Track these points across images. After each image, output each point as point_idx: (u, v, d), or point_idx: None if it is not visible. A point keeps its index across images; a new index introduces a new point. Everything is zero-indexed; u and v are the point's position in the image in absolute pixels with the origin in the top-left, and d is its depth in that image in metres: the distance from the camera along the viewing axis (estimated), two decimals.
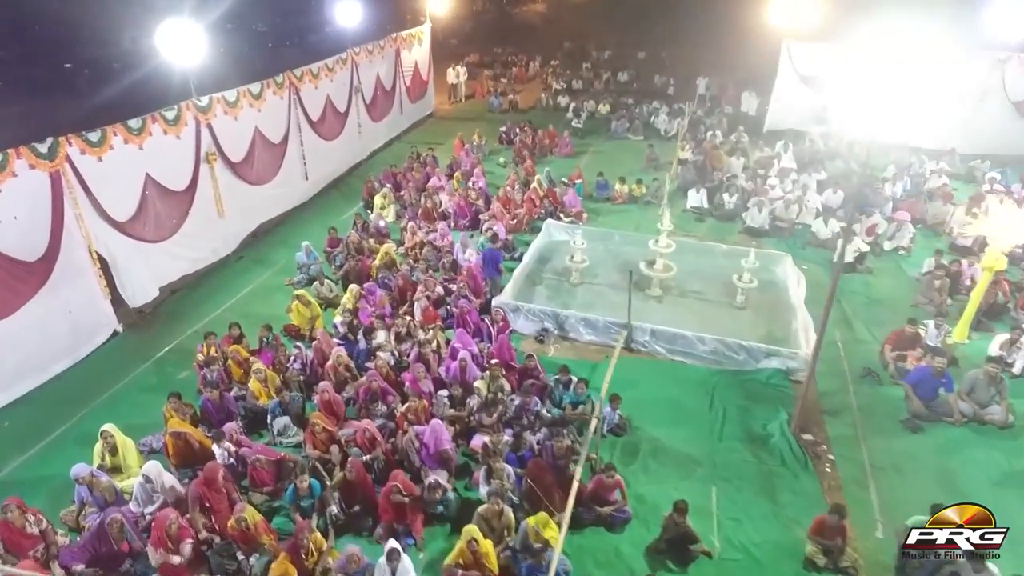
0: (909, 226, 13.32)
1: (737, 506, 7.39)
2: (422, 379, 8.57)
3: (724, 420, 8.66)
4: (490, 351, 9.38)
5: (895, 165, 16.98)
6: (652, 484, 7.69)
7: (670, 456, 8.12)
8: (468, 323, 10.10)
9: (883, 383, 9.41)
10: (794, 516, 7.20)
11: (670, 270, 11.27)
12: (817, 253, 13.36)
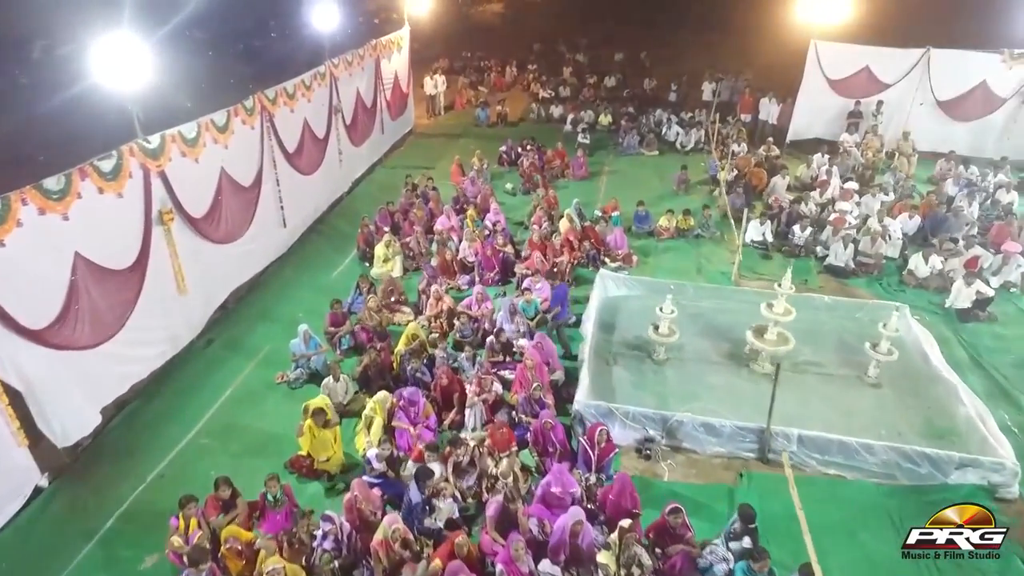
0: (1020, 259, 11.35)
1: None
2: (522, 557, 5.77)
3: (933, 569, 6.26)
4: (601, 495, 6.66)
5: (952, 181, 15.16)
6: None
7: None
8: (551, 441, 7.36)
9: None
10: None
11: (787, 342, 8.81)
12: (917, 295, 11.22)
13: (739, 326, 9.93)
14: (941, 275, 11.32)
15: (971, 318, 10.40)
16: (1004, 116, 17.35)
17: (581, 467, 7.16)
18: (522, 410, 7.91)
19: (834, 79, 17.84)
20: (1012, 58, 16.64)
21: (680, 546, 6.04)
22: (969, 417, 7.89)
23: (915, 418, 8.26)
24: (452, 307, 10.12)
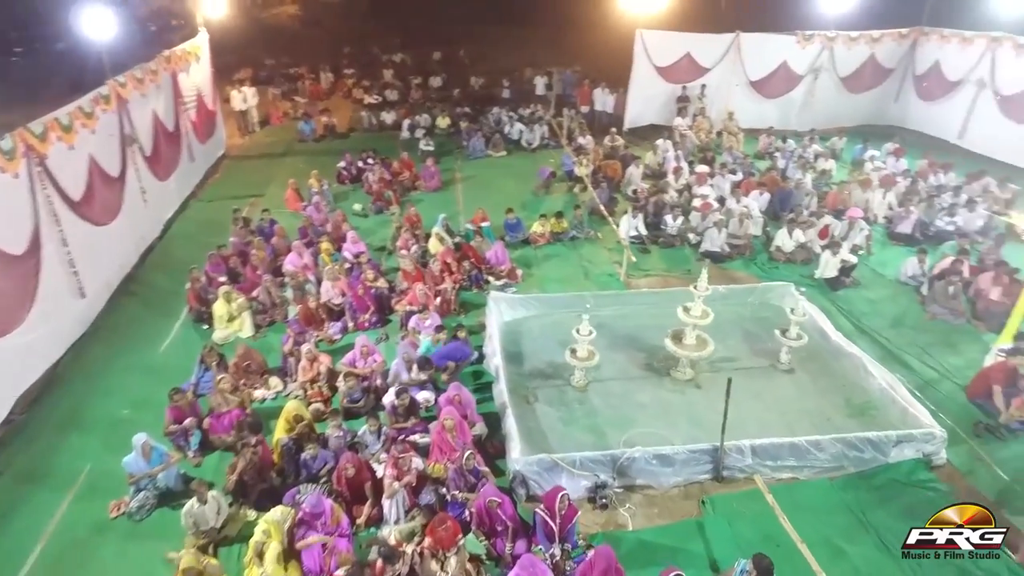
0: (863, 223, 12.22)
1: None
2: None
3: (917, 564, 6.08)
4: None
5: (781, 155, 16.27)
6: None
7: None
8: (499, 519, 6.12)
9: (1005, 438, 7.67)
10: None
11: (706, 345, 8.38)
12: (788, 270, 11.60)
13: (647, 332, 9.49)
14: (804, 247, 11.82)
15: (840, 286, 10.91)
16: (803, 91, 19.10)
17: (541, 541, 6.02)
18: (454, 485, 6.56)
19: (661, 66, 18.36)
20: (805, 39, 18.30)
21: None
22: (882, 388, 8.06)
23: (836, 399, 8.27)
24: (332, 367, 8.39)
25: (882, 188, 13.59)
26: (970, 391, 8.24)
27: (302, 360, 8.35)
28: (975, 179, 14.12)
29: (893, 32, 18.59)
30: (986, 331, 9.57)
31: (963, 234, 12.12)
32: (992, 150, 16.38)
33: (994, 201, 13.18)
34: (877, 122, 19.79)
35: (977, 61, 16.86)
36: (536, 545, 6.04)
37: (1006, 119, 16.18)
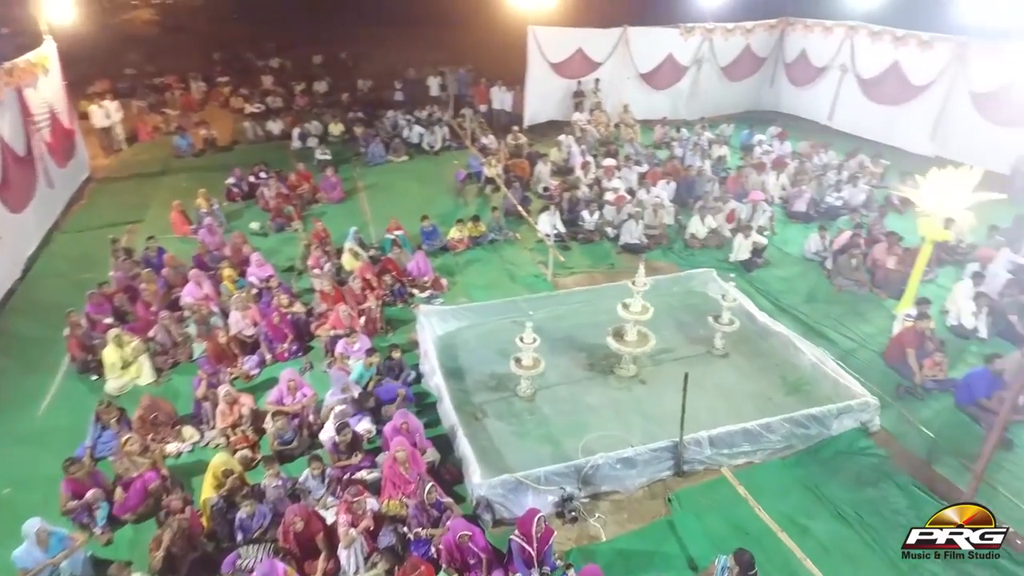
0: (764, 205, 12.83)
1: None
2: None
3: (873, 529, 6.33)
4: None
5: (677, 143, 16.85)
6: None
7: None
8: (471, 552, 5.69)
9: (923, 397, 8.21)
10: None
11: (647, 341, 8.34)
12: (704, 255, 11.92)
13: (584, 331, 9.39)
14: (716, 232, 12.22)
15: (753, 267, 11.35)
16: (688, 82, 19.91)
17: (519, 568, 5.65)
18: (416, 522, 6.04)
19: (555, 62, 18.42)
20: (687, 31, 19.06)
21: None
22: (812, 363, 8.39)
23: (772, 378, 8.53)
24: (255, 407, 7.54)
25: (775, 170, 14.37)
26: (887, 356, 8.78)
27: (220, 404, 7.44)
28: (851, 156, 15.28)
29: (764, 23, 19.79)
30: (887, 298, 10.28)
31: (852, 209, 13.04)
32: (858, 129, 17.87)
33: (871, 176, 14.32)
34: (756, 108, 21.08)
35: (838, 48, 18.32)
36: (514, 572, 5.67)
37: (868, 100, 17.70)
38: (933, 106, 16.12)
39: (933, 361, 8.19)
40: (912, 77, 16.47)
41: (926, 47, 16.07)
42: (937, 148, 16.21)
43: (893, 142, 16.87)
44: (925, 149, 16.36)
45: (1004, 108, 14.66)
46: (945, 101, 15.83)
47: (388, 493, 6.49)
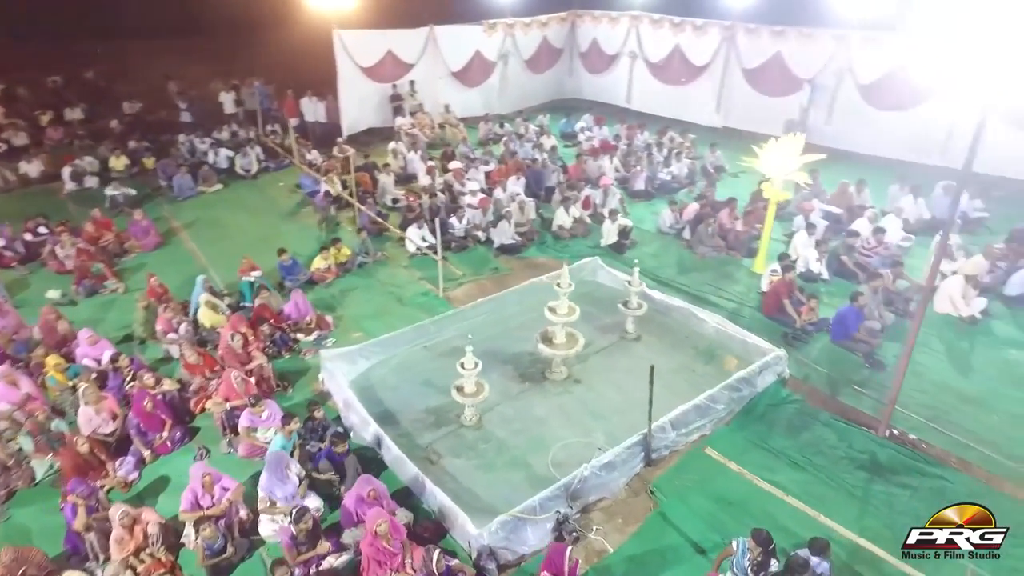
0: (613, 188, 13.55)
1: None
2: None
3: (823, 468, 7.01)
4: None
5: (508, 138, 17.09)
6: None
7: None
8: None
9: (807, 339, 9.28)
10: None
11: (576, 341, 8.29)
12: (576, 245, 12.22)
13: (502, 342, 9.13)
14: (580, 221, 12.61)
15: (623, 248, 11.93)
16: (497, 77, 20.29)
17: None
18: None
19: (366, 66, 17.51)
20: (489, 27, 19.33)
21: None
22: (716, 329, 9.06)
23: (687, 351, 9.02)
24: (163, 521, 6.03)
25: (607, 154, 15.27)
26: (765, 309, 9.79)
27: (114, 530, 5.81)
28: (662, 134, 16.86)
29: (556, 16, 20.85)
30: (742, 258, 11.48)
31: (682, 182, 14.36)
32: (653, 108, 19.76)
33: (687, 150, 15.89)
34: (559, 97, 22.28)
35: (625, 36, 19.99)
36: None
37: (658, 82, 19.62)
38: (714, 83, 18.38)
39: (808, 307, 9.32)
40: (693, 59, 18.57)
41: (700, 32, 18.21)
42: (722, 119, 18.58)
43: (686, 117, 18.91)
44: (713, 121, 18.64)
45: (770, 81, 17.21)
46: (723, 78, 18.13)
47: (373, 573, 5.63)
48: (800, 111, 16.58)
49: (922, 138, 15.04)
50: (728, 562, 5.63)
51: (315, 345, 9.15)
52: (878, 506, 6.52)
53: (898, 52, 14.94)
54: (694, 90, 18.95)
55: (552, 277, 10.25)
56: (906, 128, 15.16)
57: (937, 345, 9.04)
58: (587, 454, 7.00)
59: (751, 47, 17.41)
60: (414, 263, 11.55)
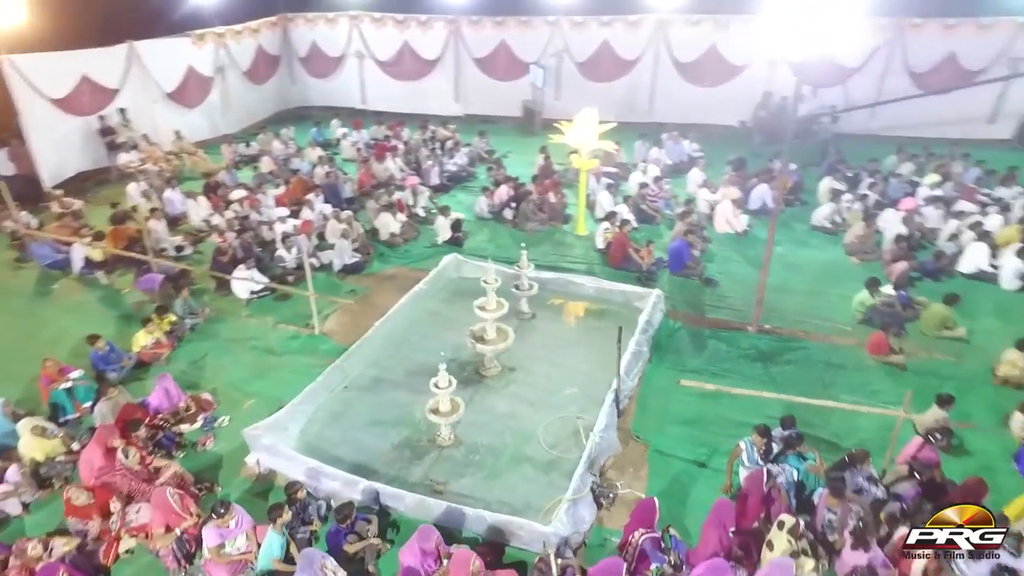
0: (420, 187, 13.61)
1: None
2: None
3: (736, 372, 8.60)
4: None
5: (270, 155, 15.65)
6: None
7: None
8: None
9: (657, 275, 10.82)
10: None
11: (507, 336, 8.43)
12: (416, 247, 12.01)
13: (417, 356, 8.82)
14: (410, 224, 12.46)
15: (459, 241, 12.15)
16: (218, 93, 18.15)
17: (657, 559, 5.68)
18: None
19: (57, 98, 14.08)
20: (198, 39, 17.12)
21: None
22: (596, 288, 10.14)
23: (580, 312, 9.91)
24: None
25: (389, 155, 15.16)
26: (612, 261, 11.17)
27: None
28: (425, 129, 17.30)
29: (266, 21, 19.37)
30: (561, 225, 12.77)
31: (468, 171, 15.11)
32: (391, 105, 19.88)
33: (458, 140, 16.63)
34: (286, 107, 20.97)
35: (348, 37, 19.66)
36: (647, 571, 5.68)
37: (391, 79, 19.84)
38: (448, 74, 19.41)
39: (648, 251, 10.97)
40: (423, 53, 19.26)
41: (426, 27, 18.96)
42: (462, 108, 19.81)
43: (426, 110, 19.57)
44: (453, 110, 19.75)
45: (500, 67, 18.91)
46: (456, 68, 19.26)
47: None
48: (533, 91, 18.62)
49: (631, 101, 18.36)
50: (738, 462, 6.72)
51: (208, 431, 7.61)
52: (783, 379, 8.34)
53: (603, 33, 17.82)
54: (430, 83, 19.73)
55: (431, 281, 10.26)
56: (618, 94, 18.26)
57: (736, 256, 11.54)
58: (571, 426, 7.47)
59: (477, 38, 18.80)
60: (254, 309, 10.16)
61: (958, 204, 11.94)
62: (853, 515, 5.93)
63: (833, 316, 9.67)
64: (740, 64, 17.33)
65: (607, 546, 6.20)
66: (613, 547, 6.14)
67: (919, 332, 9.07)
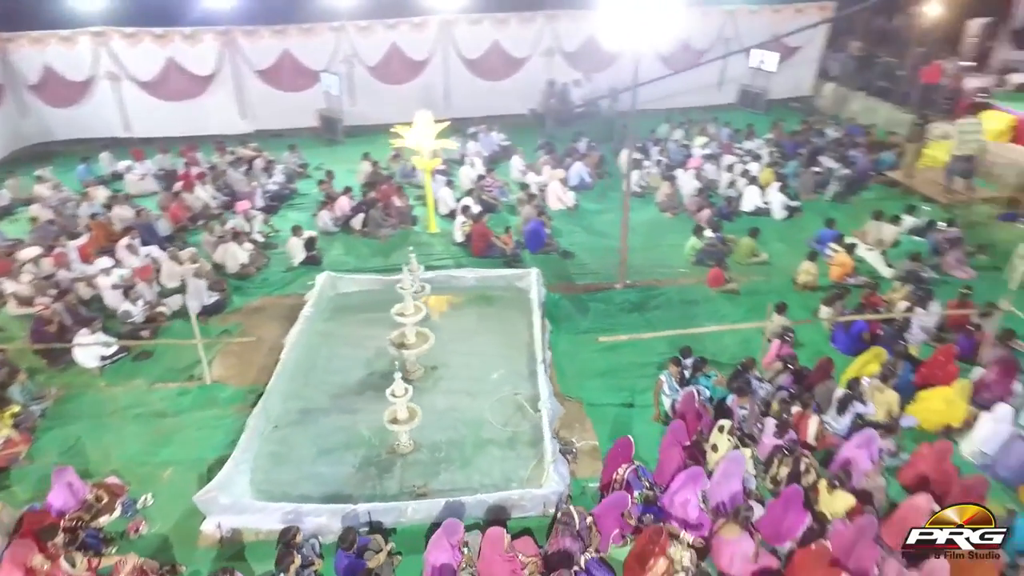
0: (252, 211, 12.76)
1: None
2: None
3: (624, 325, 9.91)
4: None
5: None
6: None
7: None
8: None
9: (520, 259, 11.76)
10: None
11: (427, 338, 8.57)
12: (273, 274, 11.35)
13: (336, 379, 8.75)
14: (258, 252, 11.68)
15: (316, 260, 11.73)
16: None
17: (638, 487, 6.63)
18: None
19: None
20: None
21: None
22: (476, 278, 10.74)
23: (470, 303, 10.43)
24: None
25: (199, 183, 13.87)
26: (476, 251, 11.81)
27: None
28: (223, 151, 16.03)
29: None
30: (411, 226, 13.03)
31: (288, 188, 14.50)
32: (164, 131, 17.88)
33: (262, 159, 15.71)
34: (23, 145, 17.76)
35: (94, 57, 17.17)
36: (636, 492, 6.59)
37: (157, 100, 17.89)
38: (227, 90, 18.11)
39: (509, 237, 11.85)
40: (193, 69, 17.69)
41: (194, 41, 17.44)
42: (250, 124, 18.69)
43: (207, 130, 18.10)
44: (241, 127, 18.57)
45: (285, 78, 18.17)
46: (236, 83, 18.05)
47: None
48: (328, 99, 18.25)
49: (428, 100, 18.93)
50: (662, 394, 7.97)
51: (132, 516, 6.69)
52: (658, 321, 9.86)
53: (390, 36, 18.11)
54: (208, 101, 18.26)
55: (315, 304, 9.97)
56: (414, 95, 18.75)
57: (575, 228, 13.00)
58: (512, 402, 8.14)
59: (256, 48, 17.82)
60: (111, 376, 8.88)
61: (724, 159, 14.88)
62: (758, 408, 7.55)
63: (672, 263, 11.57)
64: (522, 57, 19.01)
65: (588, 492, 6.98)
66: (593, 492, 6.95)
67: (735, 262, 11.34)
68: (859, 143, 15.41)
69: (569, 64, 19.38)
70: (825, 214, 12.64)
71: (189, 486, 6.97)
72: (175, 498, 6.86)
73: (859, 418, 7.50)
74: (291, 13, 17.57)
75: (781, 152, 15.29)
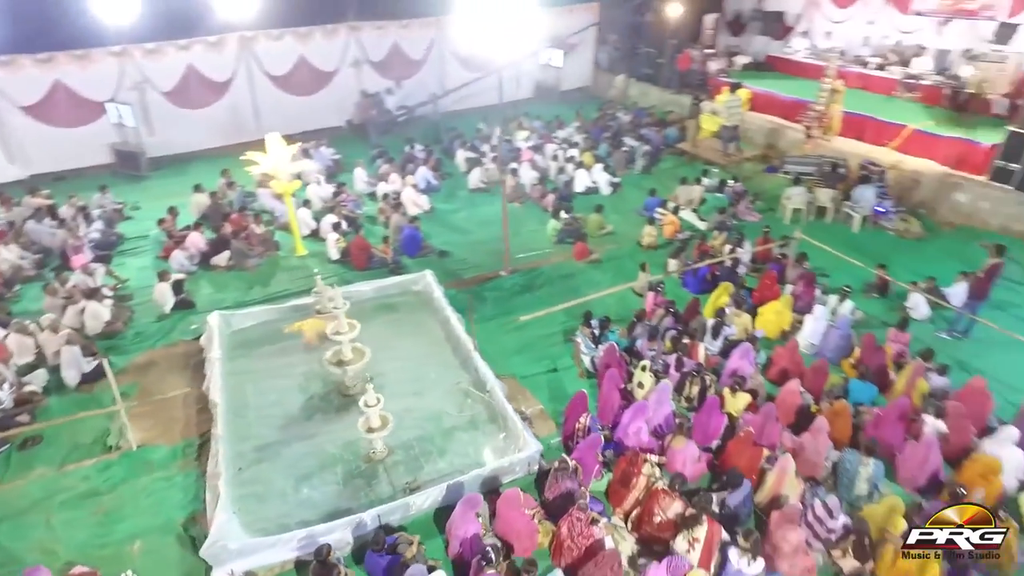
0: (92, 265, 11.42)
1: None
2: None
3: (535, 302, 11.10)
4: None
5: None
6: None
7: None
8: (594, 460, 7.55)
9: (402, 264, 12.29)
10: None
11: (363, 354, 8.82)
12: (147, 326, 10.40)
13: (276, 411, 8.70)
14: (118, 307, 10.61)
15: (188, 304, 11.03)
16: None
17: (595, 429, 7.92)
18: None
19: None
20: None
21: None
22: (375, 288, 11.10)
23: (381, 313, 10.71)
24: None
25: (1, 244, 11.96)
26: (358, 265, 12.06)
27: None
28: (7, 204, 13.79)
29: None
30: (279, 251, 12.73)
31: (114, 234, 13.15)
32: None
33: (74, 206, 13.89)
34: None
35: None
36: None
37: None
38: None
39: (387, 246, 12.27)
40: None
41: None
42: (21, 169, 16.28)
43: None
44: (10, 173, 16.16)
45: (62, 114, 16.07)
46: None
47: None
48: (122, 131, 16.52)
49: (237, 121, 18.16)
50: (581, 354, 9.35)
51: None
52: (546, 296, 11.19)
53: (184, 57, 16.90)
54: None
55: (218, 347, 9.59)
56: (221, 117, 17.87)
57: (439, 229, 13.84)
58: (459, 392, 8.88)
59: (17, 79, 15.44)
60: (15, 464, 7.82)
61: (547, 148, 16.78)
62: (657, 348, 9.32)
63: (538, 245, 13.05)
64: (330, 70, 19.02)
65: (553, 446, 8.09)
66: (557, 445, 8.08)
67: (589, 236, 13.17)
68: (648, 123, 18.42)
69: (379, 73, 19.85)
70: (639, 185, 15.15)
71: (169, 550, 6.72)
72: (162, 565, 6.53)
73: (726, 339, 9.65)
74: (61, 39, 15.43)
75: (589, 137, 17.65)
